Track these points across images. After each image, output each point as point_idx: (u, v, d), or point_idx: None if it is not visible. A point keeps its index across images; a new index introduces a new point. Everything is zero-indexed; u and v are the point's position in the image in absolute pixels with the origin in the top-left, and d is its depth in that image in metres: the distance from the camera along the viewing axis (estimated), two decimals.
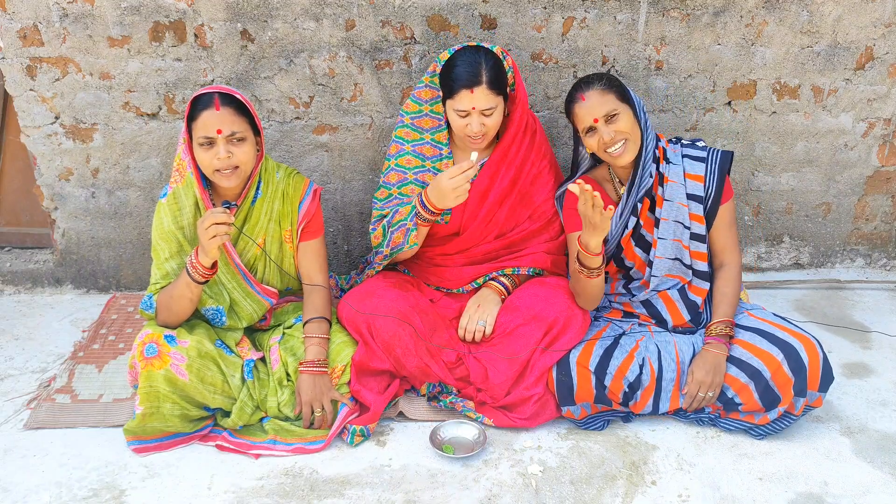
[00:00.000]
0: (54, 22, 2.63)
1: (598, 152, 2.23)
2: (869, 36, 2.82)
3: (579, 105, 2.20)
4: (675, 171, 2.30)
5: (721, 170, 2.30)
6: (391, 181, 2.48)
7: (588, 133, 2.21)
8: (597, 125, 2.17)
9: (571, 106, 2.24)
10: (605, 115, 2.16)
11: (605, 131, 2.17)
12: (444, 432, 2.19)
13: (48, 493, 2.01)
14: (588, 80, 2.22)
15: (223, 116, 2.10)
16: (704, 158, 2.31)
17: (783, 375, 2.10)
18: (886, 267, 3.26)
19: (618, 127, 2.17)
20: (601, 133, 2.17)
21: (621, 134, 2.17)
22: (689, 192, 2.29)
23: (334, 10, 2.64)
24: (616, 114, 2.17)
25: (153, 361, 2.11)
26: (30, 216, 3.11)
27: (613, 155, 2.20)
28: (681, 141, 2.37)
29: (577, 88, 2.22)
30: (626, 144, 2.19)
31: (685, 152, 2.33)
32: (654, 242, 2.30)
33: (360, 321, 2.30)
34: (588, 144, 2.24)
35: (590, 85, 2.20)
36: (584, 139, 2.24)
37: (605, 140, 2.17)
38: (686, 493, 2.02)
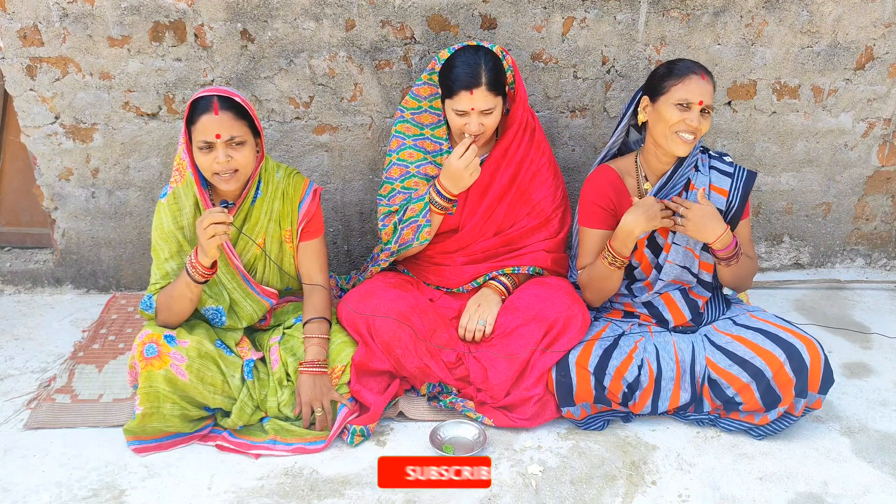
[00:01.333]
0: (54, 22, 2.63)
1: (665, 128, 2.19)
2: (869, 36, 2.82)
3: (698, 79, 2.16)
4: (701, 181, 2.31)
5: (745, 188, 2.31)
6: (393, 176, 2.48)
7: (681, 106, 2.16)
8: (698, 107, 2.15)
9: (686, 73, 2.17)
10: (706, 106, 2.17)
11: (696, 117, 2.16)
12: (444, 432, 2.19)
13: (48, 493, 2.01)
14: (705, 67, 2.20)
15: (222, 121, 2.10)
16: (731, 174, 2.32)
17: (785, 375, 2.10)
18: (886, 267, 3.26)
19: (705, 123, 2.18)
20: (693, 115, 2.15)
21: (700, 131, 2.18)
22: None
23: (334, 10, 2.64)
24: (709, 114, 2.19)
25: (153, 361, 2.11)
26: (30, 216, 3.11)
27: (682, 140, 2.18)
28: (708, 151, 2.38)
29: (699, 66, 2.18)
30: (694, 140, 2.20)
31: (713, 164, 2.35)
32: (667, 247, 2.31)
33: (359, 321, 2.30)
34: (668, 115, 2.17)
35: (710, 75, 2.19)
36: (668, 108, 2.17)
37: (692, 125, 2.16)
38: (686, 493, 2.02)
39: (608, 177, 2.36)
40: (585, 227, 2.38)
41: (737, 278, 2.31)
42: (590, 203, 2.36)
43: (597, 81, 2.81)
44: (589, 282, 2.35)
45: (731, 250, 2.21)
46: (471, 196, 2.45)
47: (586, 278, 2.35)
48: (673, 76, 2.18)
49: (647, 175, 2.34)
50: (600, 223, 2.34)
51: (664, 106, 2.18)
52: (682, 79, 2.16)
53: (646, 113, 2.26)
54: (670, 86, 2.18)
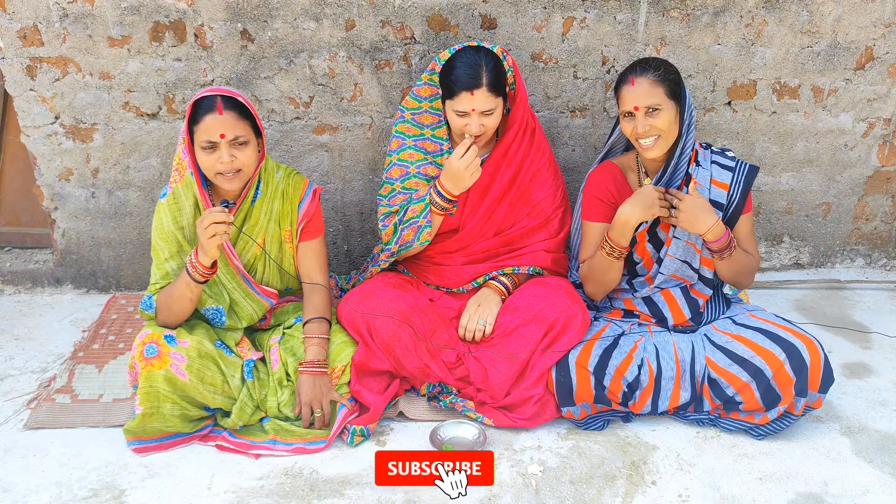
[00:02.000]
0: (54, 22, 2.63)
1: (630, 138, 2.25)
2: (869, 36, 2.82)
3: (627, 88, 2.20)
4: (702, 176, 2.32)
5: (747, 183, 2.32)
6: (393, 176, 2.48)
7: (625, 117, 2.21)
8: (636, 113, 2.17)
9: (620, 86, 2.23)
10: (647, 107, 2.17)
11: (641, 122, 2.17)
12: (444, 432, 2.19)
13: (48, 493, 2.01)
14: (645, 65, 2.20)
15: (226, 121, 2.10)
16: (733, 168, 2.33)
17: (785, 375, 2.10)
18: (886, 267, 3.26)
19: (655, 122, 2.17)
20: (637, 122, 2.18)
21: (655, 129, 2.18)
22: (711, 199, 2.31)
23: (334, 10, 2.64)
24: (658, 109, 2.17)
25: (153, 361, 2.11)
26: (30, 216, 3.11)
27: (643, 146, 2.22)
28: (710, 147, 2.39)
29: (632, 70, 2.21)
30: (657, 140, 2.20)
31: (714, 159, 2.36)
32: (668, 241, 2.31)
33: (359, 321, 2.30)
34: (623, 127, 2.25)
35: (645, 71, 2.19)
36: (622, 121, 2.25)
37: (639, 130, 2.18)
38: (686, 493, 2.02)
39: (610, 171, 2.38)
40: (587, 221, 2.39)
41: (734, 273, 2.31)
42: (591, 196, 2.37)
43: (597, 81, 2.81)
44: (589, 273, 2.35)
45: (724, 242, 2.22)
46: (471, 196, 2.45)
47: (587, 270, 2.37)
48: (614, 92, 2.27)
49: (647, 171, 2.35)
50: (602, 216, 2.35)
51: (621, 119, 2.26)
52: (618, 93, 2.23)
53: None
54: (617, 99, 2.25)
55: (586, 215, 2.39)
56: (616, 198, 2.34)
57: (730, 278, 2.34)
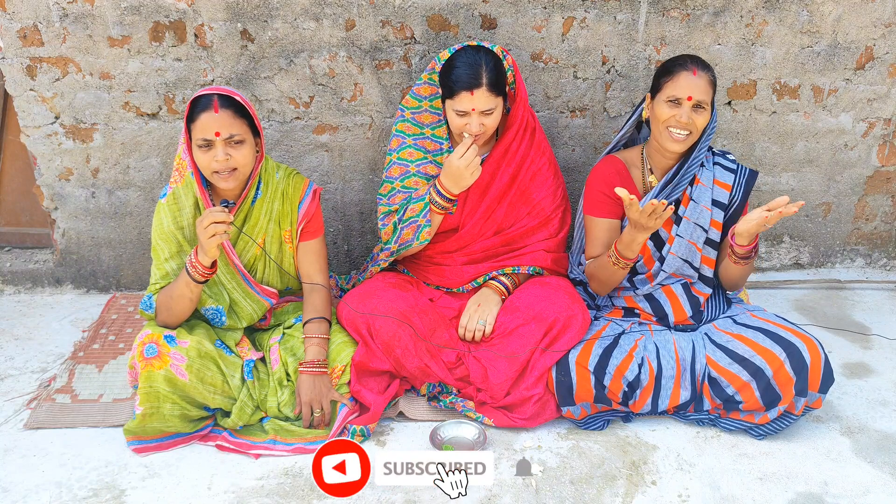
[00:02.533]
0: (54, 22, 2.63)
1: (660, 125, 2.22)
2: (869, 36, 2.82)
3: (688, 74, 2.18)
4: (706, 176, 2.33)
5: (748, 185, 2.34)
6: (394, 175, 2.48)
7: (671, 102, 2.19)
8: (686, 103, 2.17)
9: (678, 70, 2.20)
10: (699, 102, 2.17)
11: (686, 112, 2.17)
12: (444, 432, 2.19)
13: (48, 493, 2.01)
14: (705, 64, 2.22)
15: (222, 119, 2.10)
16: (734, 170, 2.35)
17: (785, 374, 2.10)
18: (886, 267, 3.26)
19: (697, 119, 2.18)
20: (683, 111, 2.17)
21: (694, 126, 2.19)
22: (714, 198, 2.32)
23: (334, 10, 2.64)
24: (704, 108, 2.19)
25: (153, 362, 2.11)
26: (30, 216, 3.11)
27: (674, 137, 2.21)
28: (712, 149, 2.39)
29: (693, 61, 2.20)
30: (688, 137, 2.21)
31: (716, 160, 2.37)
32: (671, 239, 2.32)
33: (359, 321, 2.30)
34: (660, 111, 2.21)
35: (706, 69, 2.21)
36: (661, 105, 2.21)
37: (682, 121, 2.17)
38: (686, 493, 2.02)
39: (615, 166, 2.37)
40: (591, 216, 2.39)
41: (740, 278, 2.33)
42: (596, 192, 2.37)
43: (597, 81, 2.81)
44: (595, 274, 2.37)
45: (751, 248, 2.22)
46: (471, 196, 2.45)
47: (593, 270, 2.37)
48: (666, 73, 2.23)
49: (652, 168, 2.35)
50: (606, 212, 2.36)
51: (658, 103, 2.23)
52: (672, 75, 2.20)
53: (648, 110, 2.29)
54: (664, 83, 2.22)
55: (590, 210, 2.39)
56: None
57: (732, 283, 2.36)
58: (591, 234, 2.39)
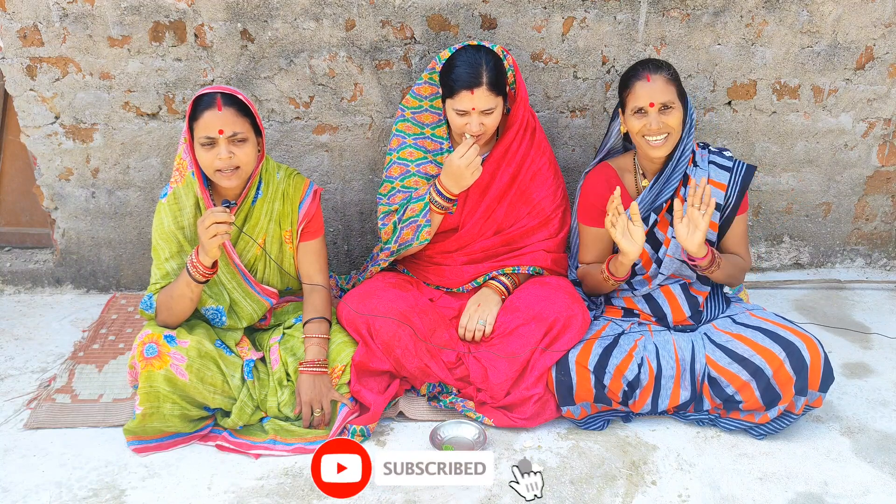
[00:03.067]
0: (54, 22, 2.63)
1: (636, 136, 2.23)
2: (869, 36, 2.82)
3: (642, 83, 2.18)
4: (700, 176, 2.32)
5: (744, 182, 2.32)
6: (394, 175, 2.48)
7: (637, 113, 2.20)
8: (650, 109, 2.17)
9: (632, 81, 2.21)
10: (662, 104, 2.16)
11: (654, 119, 2.17)
12: (444, 432, 2.19)
13: (48, 493, 2.01)
14: (657, 64, 2.21)
15: (225, 117, 2.10)
16: (730, 168, 2.33)
17: (785, 374, 2.10)
18: (886, 267, 3.26)
19: (668, 120, 2.18)
20: (650, 119, 2.17)
21: (668, 128, 2.18)
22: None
23: (334, 10, 2.64)
24: (671, 107, 2.18)
25: (153, 361, 2.11)
26: (30, 216, 3.11)
27: (652, 144, 2.20)
28: (708, 147, 2.39)
29: (645, 67, 2.20)
30: (667, 139, 2.20)
31: (712, 159, 2.36)
32: (667, 241, 2.32)
33: (359, 322, 2.30)
34: (630, 125, 2.22)
35: (659, 69, 2.19)
36: (629, 118, 2.22)
37: (652, 127, 2.17)
38: (686, 492, 2.02)
39: (605, 174, 2.38)
40: (581, 224, 2.42)
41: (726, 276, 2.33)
42: (587, 203, 2.39)
43: (597, 81, 2.81)
44: (586, 279, 2.41)
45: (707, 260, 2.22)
46: (471, 195, 2.45)
47: (583, 274, 2.42)
48: (624, 87, 2.25)
49: (644, 172, 2.36)
50: (596, 222, 2.37)
51: (627, 116, 2.24)
52: (629, 87, 2.21)
53: (624, 124, 2.30)
54: (625, 97, 2.24)
55: (581, 218, 2.42)
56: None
57: (722, 281, 2.36)
58: (583, 241, 2.45)
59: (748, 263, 2.40)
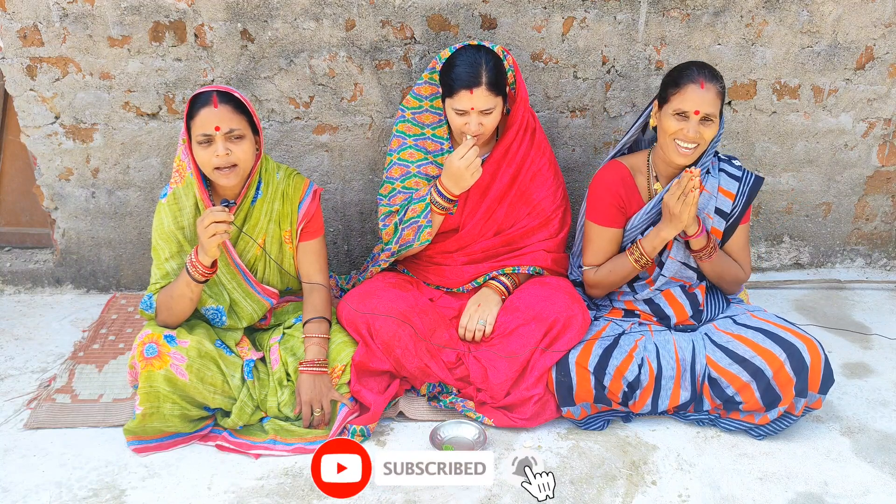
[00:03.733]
0: (54, 22, 2.63)
1: (667, 137, 2.20)
2: (869, 36, 2.82)
3: (695, 88, 2.13)
4: (711, 183, 2.31)
5: (751, 193, 2.32)
6: (394, 175, 2.48)
7: (678, 115, 2.16)
8: (694, 117, 2.14)
9: (685, 82, 2.15)
10: (707, 115, 2.14)
11: (694, 127, 2.14)
12: (444, 432, 2.19)
13: (48, 493, 2.01)
14: (714, 73, 2.17)
15: (221, 114, 2.10)
16: (739, 178, 2.32)
17: (785, 375, 2.10)
18: (886, 267, 3.26)
19: (705, 132, 2.15)
20: (690, 125, 2.14)
21: (701, 139, 2.16)
22: (717, 207, 2.32)
23: (334, 10, 2.64)
24: (712, 121, 2.16)
25: (153, 361, 2.11)
26: (30, 216, 3.11)
27: (681, 151, 2.18)
28: (718, 154, 2.37)
29: (702, 72, 2.15)
30: (696, 149, 2.18)
31: (722, 167, 2.35)
32: (670, 244, 2.31)
33: (359, 321, 2.30)
34: (666, 124, 2.18)
35: (714, 80, 2.16)
36: (667, 117, 2.18)
37: (689, 135, 2.15)
38: (686, 493, 2.02)
39: (619, 173, 2.35)
40: (595, 224, 2.37)
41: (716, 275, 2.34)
42: (601, 200, 2.35)
43: (597, 81, 2.81)
44: (607, 278, 2.37)
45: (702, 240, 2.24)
46: (471, 196, 2.45)
47: (606, 274, 2.36)
48: (673, 84, 2.19)
49: (657, 175, 2.34)
50: (611, 221, 2.35)
51: (665, 114, 2.20)
52: (679, 88, 2.16)
53: (655, 118, 2.27)
54: (671, 95, 2.18)
55: (593, 217, 2.37)
56: (625, 201, 2.34)
57: (713, 280, 2.37)
58: (593, 243, 2.38)
59: (746, 274, 2.39)
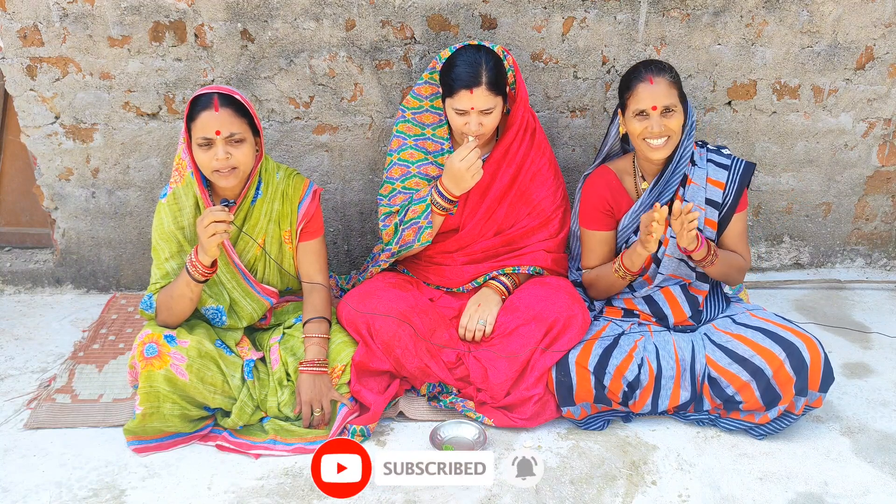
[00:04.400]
0: (54, 22, 2.63)
1: (636, 139, 2.22)
2: (869, 36, 2.82)
3: (645, 86, 2.17)
4: (698, 175, 2.32)
5: (742, 180, 2.31)
6: (394, 176, 2.48)
7: (639, 116, 2.19)
8: (653, 112, 2.16)
9: (635, 83, 2.19)
10: (665, 107, 2.16)
11: (656, 121, 2.16)
12: (445, 432, 2.19)
13: (48, 493, 2.01)
14: (660, 66, 2.20)
15: (222, 117, 2.10)
16: (728, 166, 2.33)
17: (785, 374, 2.10)
18: (886, 267, 3.26)
19: (669, 123, 2.17)
20: (652, 122, 2.16)
21: (669, 131, 2.18)
22: (707, 197, 2.32)
23: (334, 10, 2.64)
24: (673, 111, 2.18)
25: (153, 361, 2.11)
26: (30, 216, 3.11)
27: (652, 146, 2.20)
28: (707, 145, 2.38)
29: (648, 69, 2.19)
30: (668, 141, 2.20)
31: (710, 157, 2.35)
32: (665, 241, 2.32)
33: (359, 321, 2.30)
34: (631, 127, 2.21)
35: (662, 72, 2.18)
36: (630, 120, 2.21)
37: (654, 130, 2.17)
38: (686, 493, 2.02)
39: (605, 178, 2.38)
40: (585, 229, 2.41)
41: (722, 275, 2.34)
42: (588, 206, 2.39)
43: (597, 81, 2.81)
44: (596, 283, 2.40)
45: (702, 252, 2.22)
46: (471, 196, 2.45)
47: (594, 279, 2.40)
48: (626, 88, 2.23)
49: (643, 175, 2.36)
50: (599, 225, 2.38)
51: (628, 118, 2.24)
52: (631, 90, 2.20)
53: (623, 126, 2.29)
54: (626, 98, 2.23)
55: (584, 222, 2.41)
56: (612, 205, 2.36)
57: (720, 278, 2.37)
58: (586, 246, 2.43)
59: (747, 262, 2.40)
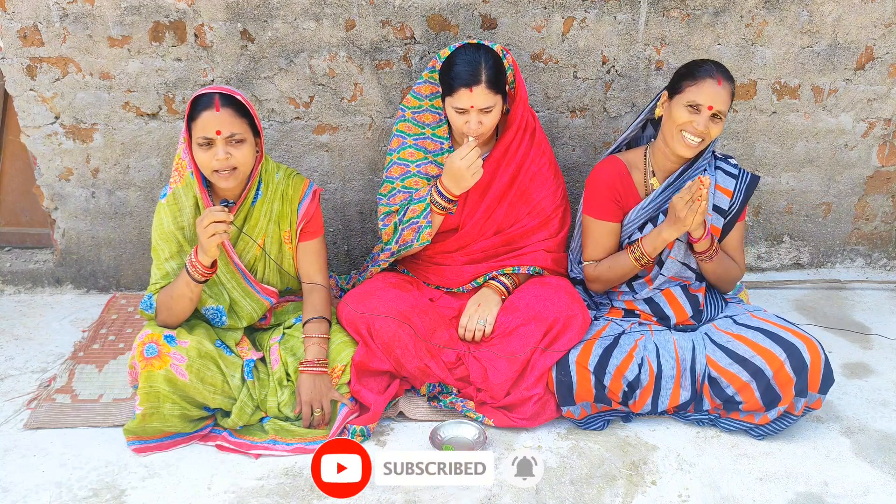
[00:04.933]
0: (54, 22, 2.63)
1: (673, 127, 2.20)
2: (869, 36, 2.82)
3: (713, 83, 2.15)
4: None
5: (747, 191, 2.33)
6: (394, 175, 2.48)
7: (691, 108, 2.17)
8: (707, 112, 2.15)
9: (703, 76, 2.16)
10: (718, 111, 2.16)
11: (704, 121, 2.15)
12: (445, 432, 2.19)
13: (48, 493, 2.01)
14: (729, 74, 2.19)
15: (223, 117, 2.10)
16: (736, 175, 2.34)
17: (785, 375, 2.10)
18: (886, 267, 3.26)
19: (714, 128, 2.17)
20: (701, 120, 2.15)
21: (708, 134, 2.18)
22: (715, 204, 2.32)
23: (334, 10, 2.64)
24: (721, 119, 2.18)
25: (153, 361, 2.11)
26: (30, 216, 3.11)
27: (686, 141, 2.19)
28: (714, 152, 2.38)
29: (719, 70, 2.17)
30: (701, 143, 2.20)
31: (718, 165, 2.35)
32: (671, 244, 2.31)
33: (359, 321, 2.30)
34: (677, 114, 2.19)
35: (728, 80, 2.18)
36: (678, 107, 2.19)
37: (698, 128, 2.16)
38: (686, 493, 2.02)
39: (617, 168, 2.36)
40: (592, 218, 2.38)
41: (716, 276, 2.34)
42: (598, 194, 2.36)
43: (597, 81, 2.81)
44: (607, 274, 2.37)
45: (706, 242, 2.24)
46: (471, 196, 2.45)
47: (604, 269, 2.37)
48: (690, 76, 2.19)
49: (654, 171, 2.35)
50: (608, 215, 2.35)
51: (676, 105, 2.20)
52: (697, 80, 2.17)
53: (662, 108, 2.27)
54: (685, 86, 2.19)
55: (590, 211, 2.38)
56: (621, 196, 2.34)
57: (712, 280, 2.37)
58: (592, 237, 2.39)
59: (741, 271, 2.40)
